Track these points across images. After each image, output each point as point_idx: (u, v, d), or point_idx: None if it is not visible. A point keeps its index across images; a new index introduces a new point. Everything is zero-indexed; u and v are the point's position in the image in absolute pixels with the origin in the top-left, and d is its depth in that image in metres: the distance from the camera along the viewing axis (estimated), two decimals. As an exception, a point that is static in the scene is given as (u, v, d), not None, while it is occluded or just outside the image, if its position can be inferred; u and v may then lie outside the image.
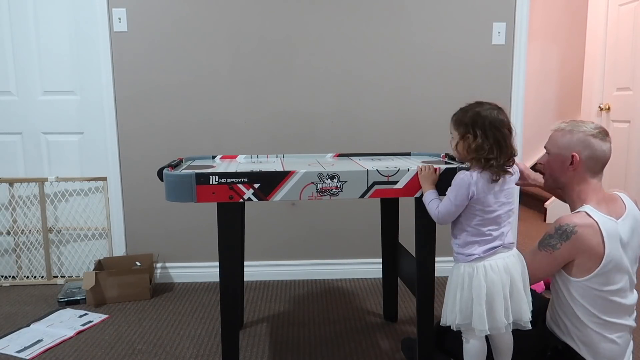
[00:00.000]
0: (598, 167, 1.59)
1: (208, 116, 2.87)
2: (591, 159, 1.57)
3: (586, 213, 1.52)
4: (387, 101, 2.91)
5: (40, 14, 2.83)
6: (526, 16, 2.87)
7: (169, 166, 1.79)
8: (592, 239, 1.49)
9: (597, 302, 1.53)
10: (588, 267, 1.52)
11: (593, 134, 1.57)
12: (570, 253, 1.53)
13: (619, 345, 1.57)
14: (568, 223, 1.52)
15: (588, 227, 1.50)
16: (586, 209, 1.54)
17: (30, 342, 2.23)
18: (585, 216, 1.52)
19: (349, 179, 1.70)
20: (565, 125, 1.63)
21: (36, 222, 2.97)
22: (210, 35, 2.80)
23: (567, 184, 1.63)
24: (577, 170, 1.58)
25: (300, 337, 2.28)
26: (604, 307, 1.54)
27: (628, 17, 3.61)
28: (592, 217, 1.51)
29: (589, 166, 1.57)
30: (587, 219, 1.51)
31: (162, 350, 2.17)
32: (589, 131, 1.57)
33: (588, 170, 1.58)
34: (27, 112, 2.92)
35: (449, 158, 2.12)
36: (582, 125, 1.60)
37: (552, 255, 1.56)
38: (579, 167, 1.58)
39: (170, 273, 3.00)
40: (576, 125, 1.60)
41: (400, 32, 2.85)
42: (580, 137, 1.58)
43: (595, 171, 1.58)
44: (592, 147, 1.56)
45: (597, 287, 1.52)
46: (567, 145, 1.60)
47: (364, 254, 3.03)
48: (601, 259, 1.49)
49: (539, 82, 5.03)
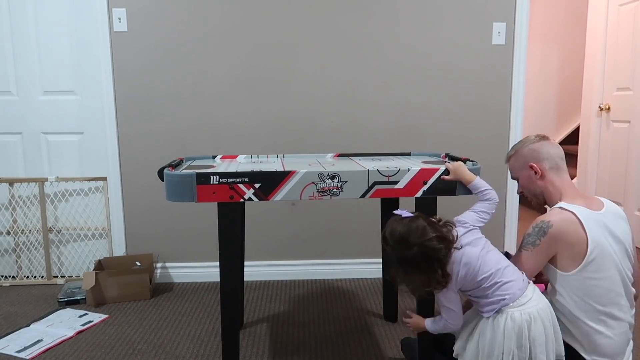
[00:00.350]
0: (558, 163, 1.69)
1: (208, 116, 2.87)
2: (546, 160, 1.68)
3: (560, 208, 1.59)
4: (387, 101, 2.91)
5: (40, 14, 2.83)
6: (526, 16, 2.87)
7: (169, 166, 1.79)
8: (569, 229, 1.54)
9: (593, 292, 1.55)
10: (575, 258, 1.55)
11: (532, 142, 1.72)
12: (550, 247, 1.58)
13: (617, 342, 1.57)
14: (543, 220, 1.59)
15: (563, 220, 1.56)
16: (560, 204, 1.61)
17: (30, 342, 2.23)
18: (559, 210, 1.59)
19: (349, 179, 1.70)
20: (511, 151, 1.79)
21: (36, 222, 2.97)
22: (210, 34, 2.80)
23: (545, 192, 1.71)
24: (544, 176, 1.68)
25: (300, 337, 2.28)
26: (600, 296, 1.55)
27: (628, 17, 3.61)
28: (566, 209, 1.57)
29: (550, 167, 1.68)
30: (562, 212, 1.58)
31: (162, 350, 2.17)
32: (529, 142, 1.72)
33: (551, 170, 1.68)
34: (27, 112, 2.92)
35: (449, 158, 2.12)
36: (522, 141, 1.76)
37: (533, 252, 1.60)
38: (542, 172, 1.68)
39: (170, 273, 3.00)
40: (518, 145, 1.76)
41: (400, 32, 2.85)
42: (525, 151, 1.72)
43: (558, 168, 1.68)
44: (539, 151, 1.69)
45: (590, 274, 1.54)
46: (522, 164, 1.72)
47: (364, 254, 3.03)
48: (586, 245, 1.53)
49: (539, 82, 5.04)
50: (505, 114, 2.96)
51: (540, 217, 1.61)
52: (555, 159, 1.69)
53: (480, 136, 2.96)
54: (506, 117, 2.96)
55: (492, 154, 2.96)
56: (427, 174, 1.73)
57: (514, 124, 2.96)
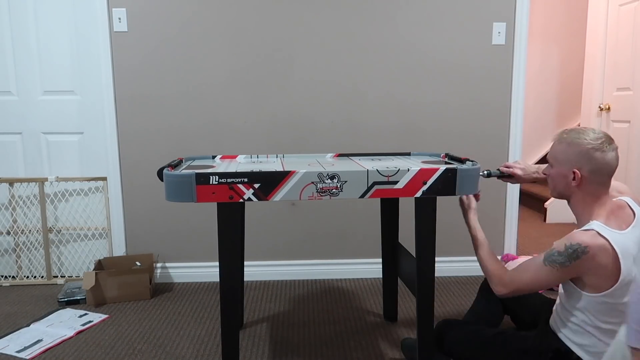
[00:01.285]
0: (604, 179, 1.52)
1: (208, 116, 2.87)
2: (594, 173, 1.50)
3: (597, 232, 1.46)
4: (387, 101, 2.91)
5: (40, 14, 2.83)
6: (526, 16, 2.87)
7: (169, 166, 1.79)
8: (604, 259, 1.44)
9: (612, 313, 1.50)
10: (601, 285, 1.47)
11: (594, 147, 1.49)
12: (578, 272, 1.49)
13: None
14: (580, 243, 1.45)
15: (600, 247, 1.44)
16: (595, 226, 1.48)
17: (30, 342, 2.23)
18: (596, 236, 1.45)
19: (349, 179, 1.70)
20: (566, 136, 1.56)
21: (36, 222, 2.97)
22: (210, 34, 2.80)
23: (573, 198, 1.58)
24: (581, 186, 1.54)
25: (300, 337, 2.28)
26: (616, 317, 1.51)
27: (628, 17, 3.61)
28: (603, 236, 1.45)
29: (593, 180, 1.51)
30: (598, 238, 1.45)
31: (162, 350, 2.17)
32: (590, 143, 1.50)
33: (593, 183, 1.52)
34: (27, 112, 2.92)
35: (449, 158, 2.12)
36: (582, 135, 1.52)
37: (558, 272, 1.51)
38: (582, 182, 1.53)
39: (170, 273, 3.00)
40: (576, 137, 1.53)
41: (399, 31, 2.85)
42: (580, 150, 1.51)
43: (601, 183, 1.52)
44: (594, 160, 1.49)
45: (613, 300, 1.48)
46: (567, 160, 1.54)
47: (364, 254, 3.03)
48: (617, 277, 1.45)
49: (539, 82, 5.04)
50: (505, 114, 2.96)
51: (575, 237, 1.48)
52: (606, 174, 1.51)
53: (480, 136, 2.96)
54: (506, 117, 2.96)
55: (492, 154, 2.96)
56: (427, 174, 1.73)
57: (514, 124, 2.96)
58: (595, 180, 1.51)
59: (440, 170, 1.73)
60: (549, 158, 1.63)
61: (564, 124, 5.13)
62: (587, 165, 1.50)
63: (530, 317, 1.93)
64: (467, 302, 2.65)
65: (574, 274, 1.51)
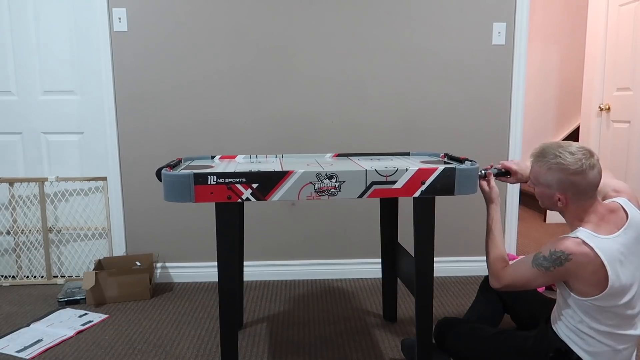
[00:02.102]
0: (590, 194, 1.52)
1: (208, 116, 2.87)
2: (579, 195, 1.51)
3: (582, 241, 1.46)
4: (387, 101, 2.91)
5: (40, 14, 2.83)
6: (526, 16, 2.87)
7: (167, 166, 1.79)
8: (589, 267, 1.45)
9: (606, 315, 1.50)
10: (587, 292, 1.48)
11: (574, 171, 1.48)
12: (563, 277, 1.52)
13: (623, 354, 1.56)
14: (563, 250, 1.47)
15: (583, 255, 1.45)
16: (581, 234, 1.48)
17: (30, 342, 2.23)
18: (581, 244, 1.46)
19: (347, 179, 1.70)
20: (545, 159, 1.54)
21: (36, 222, 2.98)
22: (210, 34, 2.80)
23: (563, 213, 1.60)
24: (568, 205, 1.55)
25: (300, 337, 2.28)
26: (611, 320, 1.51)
27: (628, 17, 3.61)
28: (587, 245, 1.45)
29: (580, 198, 1.52)
30: (582, 247, 1.45)
31: (162, 350, 2.18)
32: (569, 169, 1.48)
33: (580, 201, 1.52)
34: (27, 112, 2.92)
35: (448, 158, 2.12)
36: (560, 160, 1.50)
37: (543, 275, 1.54)
38: (568, 203, 1.54)
39: (170, 273, 3.00)
40: (555, 162, 1.51)
41: (400, 32, 2.85)
42: (560, 177, 1.51)
43: (589, 198, 1.52)
44: (576, 185, 1.49)
45: (606, 304, 1.49)
46: (549, 185, 1.55)
47: (363, 254, 3.03)
48: (604, 283, 1.45)
49: (539, 82, 5.03)
50: (506, 114, 2.96)
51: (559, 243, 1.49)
52: (591, 190, 1.50)
53: (480, 136, 2.96)
54: (506, 117, 2.96)
55: (492, 153, 2.96)
56: (425, 174, 1.73)
57: (514, 124, 2.96)
58: (581, 198, 1.52)
59: (438, 170, 1.73)
60: (531, 177, 1.63)
61: (563, 124, 5.12)
62: (570, 189, 1.51)
63: (531, 316, 1.93)
64: (466, 302, 2.65)
65: (560, 278, 1.53)
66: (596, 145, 4.03)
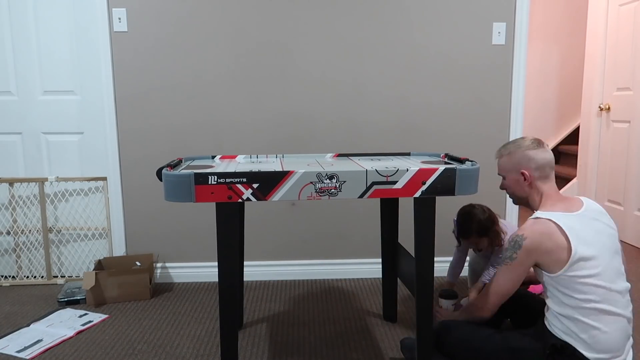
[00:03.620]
0: (547, 172, 1.75)
1: (208, 116, 2.87)
2: (538, 169, 1.74)
3: (534, 219, 1.65)
4: (387, 101, 2.91)
5: (40, 14, 2.83)
6: (526, 16, 2.87)
7: (168, 166, 1.79)
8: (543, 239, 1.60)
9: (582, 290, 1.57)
10: (558, 262, 1.59)
11: (529, 147, 1.75)
12: (528, 258, 1.64)
13: (614, 337, 1.58)
14: (517, 234, 1.66)
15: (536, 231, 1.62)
16: (536, 214, 1.68)
17: (30, 342, 2.23)
18: (533, 222, 1.65)
19: (347, 179, 1.70)
20: (504, 150, 1.82)
21: (36, 222, 2.98)
22: (210, 34, 2.80)
23: (529, 198, 1.79)
24: (532, 184, 1.75)
25: (300, 337, 2.28)
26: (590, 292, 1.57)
27: (628, 17, 3.61)
28: (540, 218, 1.64)
29: (539, 175, 1.74)
30: (535, 223, 1.64)
31: (162, 350, 2.18)
32: (526, 146, 1.76)
33: (540, 179, 1.75)
34: (27, 112, 2.92)
35: (448, 158, 2.12)
36: (516, 144, 1.79)
37: (512, 265, 1.68)
38: (531, 180, 1.75)
39: (170, 273, 3.00)
40: (512, 147, 1.79)
41: (400, 32, 2.85)
42: (520, 155, 1.76)
43: (546, 176, 1.75)
44: (534, 159, 1.74)
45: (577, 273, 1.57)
46: (513, 167, 1.78)
47: (363, 254, 3.03)
48: (567, 248, 1.57)
49: (539, 82, 5.03)
50: (505, 114, 2.96)
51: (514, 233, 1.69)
52: (546, 168, 1.74)
53: (480, 136, 2.96)
54: (506, 117, 2.96)
55: (492, 154, 2.96)
56: (426, 174, 1.73)
57: (514, 124, 2.96)
58: (540, 176, 1.74)
59: (439, 170, 1.74)
60: (500, 173, 1.85)
61: (563, 124, 5.13)
62: (530, 164, 1.74)
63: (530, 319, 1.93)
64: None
65: (527, 262, 1.65)
66: (596, 145, 4.04)
